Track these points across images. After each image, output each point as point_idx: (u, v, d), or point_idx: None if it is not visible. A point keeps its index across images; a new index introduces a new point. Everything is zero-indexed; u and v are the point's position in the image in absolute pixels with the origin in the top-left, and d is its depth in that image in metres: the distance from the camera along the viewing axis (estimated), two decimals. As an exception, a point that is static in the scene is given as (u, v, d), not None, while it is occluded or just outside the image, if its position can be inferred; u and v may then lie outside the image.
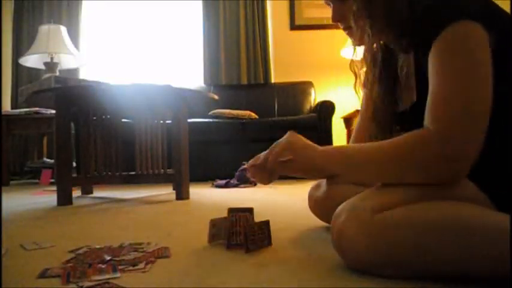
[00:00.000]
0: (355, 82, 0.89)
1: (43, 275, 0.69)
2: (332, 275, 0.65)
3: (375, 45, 0.81)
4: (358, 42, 0.83)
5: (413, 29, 0.73)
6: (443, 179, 0.63)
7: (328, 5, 0.85)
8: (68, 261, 0.76)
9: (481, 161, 0.63)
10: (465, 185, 0.64)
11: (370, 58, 0.83)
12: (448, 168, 0.62)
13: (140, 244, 0.89)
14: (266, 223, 0.88)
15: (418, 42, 0.72)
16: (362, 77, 0.89)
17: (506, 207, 0.60)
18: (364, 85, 0.88)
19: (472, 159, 0.61)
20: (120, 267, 0.71)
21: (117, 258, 0.75)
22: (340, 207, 0.67)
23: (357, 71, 0.88)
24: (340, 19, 0.83)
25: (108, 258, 0.76)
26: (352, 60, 0.89)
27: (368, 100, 0.93)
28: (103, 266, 0.71)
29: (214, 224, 0.89)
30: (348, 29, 0.83)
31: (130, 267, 0.71)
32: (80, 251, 0.84)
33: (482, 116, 0.62)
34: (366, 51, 0.83)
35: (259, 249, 0.83)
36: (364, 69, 0.87)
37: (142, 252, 0.82)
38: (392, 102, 0.85)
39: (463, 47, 0.65)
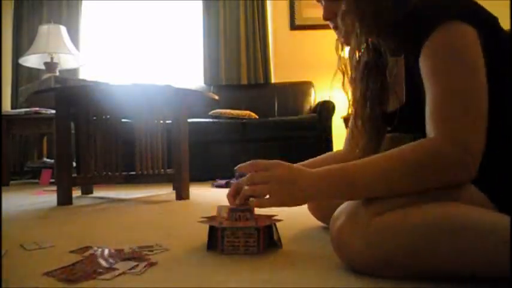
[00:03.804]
0: (343, 81, 0.88)
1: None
2: (332, 275, 0.66)
3: (362, 45, 0.81)
4: (345, 41, 0.83)
5: (402, 31, 0.73)
6: (457, 181, 0.63)
7: (320, 2, 0.85)
8: (74, 263, 0.75)
9: (480, 162, 0.62)
10: (465, 186, 0.64)
11: (355, 58, 0.83)
12: (460, 169, 0.61)
13: (150, 247, 0.87)
14: (261, 230, 0.80)
15: (408, 45, 0.72)
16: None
17: (507, 208, 0.60)
18: (350, 83, 0.87)
19: (479, 157, 0.61)
20: (117, 271, 0.70)
21: (116, 267, 0.72)
22: (338, 210, 0.67)
23: (345, 69, 0.87)
24: (331, 17, 0.83)
25: (107, 266, 0.73)
26: (341, 58, 0.87)
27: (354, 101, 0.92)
28: (101, 270, 0.70)
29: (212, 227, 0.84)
30: (337, 28, 0.83)
31: (128, 270, 0.70)
32: (86, 254, 0.82)
33: (481, 115, 0.62)
34: (351, 50, 0.83)
35: (241, 254, 0.80)
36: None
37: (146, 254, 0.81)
38: (378, 103, 0.86)
39: (455, 47, 0.65)
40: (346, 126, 3.67)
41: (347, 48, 0.86)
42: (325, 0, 0.84)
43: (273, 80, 3.93)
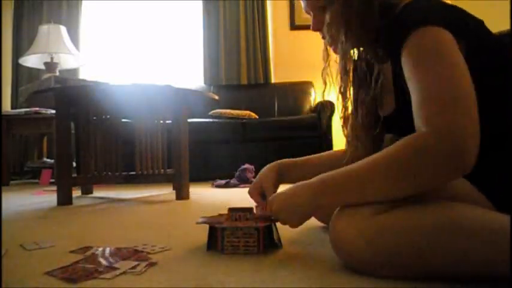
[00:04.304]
0: (324, 90, 0.90)
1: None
2: (332, 275, 0.65)
3: (351, 52, 0.84)
4: (334, 50, 0.87)
5: (384, 38, 0.75)
6: (450, 178, 0.61)
7: (309, 13, 0.88)
8: (75, 263, 0.75)
9: (479, 161, 0.63)
10: (464, 186, 0.64)
11: (344, 68, 0.84)
12: (452, 165, 0.58)
13: (150, 247, 0.87)
14: (261, 230, 0.80)
15: (390, 51, 0.74)
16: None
17: (506, 208, 0.60)
18: (340, 94, 0.88)
19: (474, 152, 0.58)
20: (118, 270, 0.70)
21: (116, 266, 0.72)
22: (338, 210, 0.67)
23: (327, 79, 0.89)
24: (320, 28, 0.86)
25: (107, 265, 0.73)
26: (324, 68, 0.90)
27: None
28: (102, 270, 0.70)
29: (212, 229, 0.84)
30: (326, 37, 0.86)
31: (129, 270, 0.70)
32: (88, 253, 0.82)
33: (471, 109, 0.60)
34: (340, 60, 0.85)
35: (241, 254, 0.79)
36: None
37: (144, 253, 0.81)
38: (370, 111, 0.87)
39: (431, 46, 0.65)
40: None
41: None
42: (313, 12, 0.86)
43: (273, 80, 3.93)
